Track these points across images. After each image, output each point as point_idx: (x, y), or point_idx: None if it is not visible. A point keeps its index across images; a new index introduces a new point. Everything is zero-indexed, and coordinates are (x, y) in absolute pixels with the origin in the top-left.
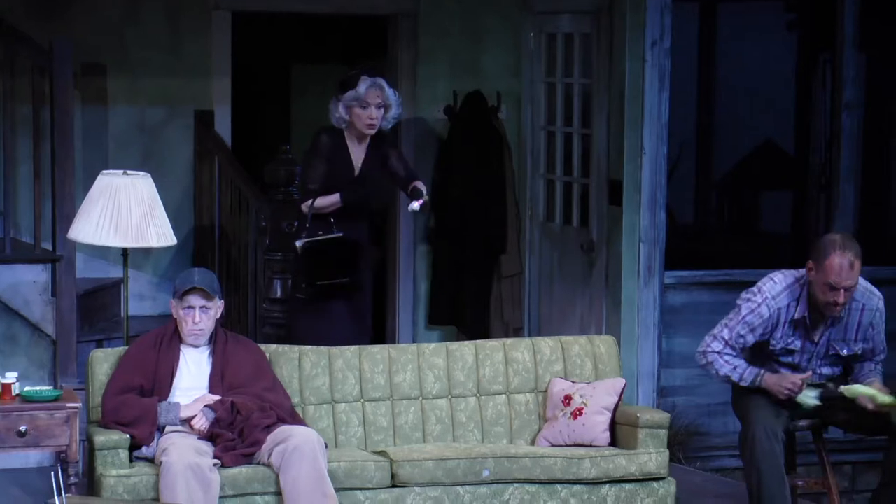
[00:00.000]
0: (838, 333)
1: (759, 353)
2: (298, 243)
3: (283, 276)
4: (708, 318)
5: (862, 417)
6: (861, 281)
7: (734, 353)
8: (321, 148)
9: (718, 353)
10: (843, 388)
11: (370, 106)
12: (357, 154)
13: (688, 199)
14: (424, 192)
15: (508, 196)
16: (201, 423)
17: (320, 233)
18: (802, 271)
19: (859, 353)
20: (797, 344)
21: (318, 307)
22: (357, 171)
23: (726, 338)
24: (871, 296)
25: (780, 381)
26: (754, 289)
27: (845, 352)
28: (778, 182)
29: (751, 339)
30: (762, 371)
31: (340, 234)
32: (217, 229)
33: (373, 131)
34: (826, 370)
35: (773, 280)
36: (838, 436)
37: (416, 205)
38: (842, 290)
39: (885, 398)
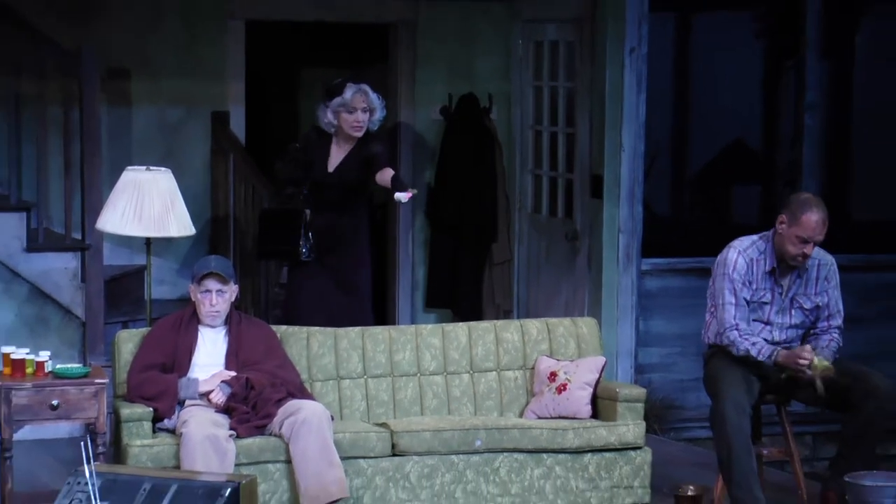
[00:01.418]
0: (800, 288)
1: None
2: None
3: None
4: (681, 301)
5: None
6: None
7: (750, 330)
8: (306, 142)
9: (737, 328)
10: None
11: (356, 110)
12: (337, 155)
13: (663, 193)
14: (405, 182)
15: (499, 190)
16: (218, 397)
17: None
18: (760, 234)
19: (820, 304)
20: (768, 297)
21: (302, 284)
22: (331, 170)
23: (731, 311)
24: (825, 254)
25: (792, 355)
26: (722, 253)
27: (808, 304)
28: (747, 178)
29: (746, 294)
30: (777, 349)
31: (304, 210)
32: (232, 220)
33: (359, 133)
34: (796, 319)
35: (736, 241)
36: (800, 409)
37: (403, 196)
38: (811, 244)
39: (822, 363)
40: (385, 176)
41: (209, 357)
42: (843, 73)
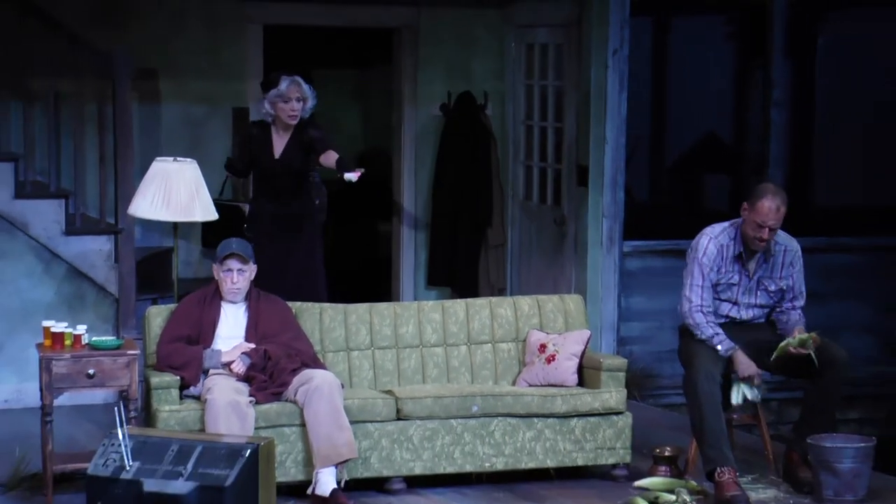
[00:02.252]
0: (766, 271)
1: None
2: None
3: None
4: (660, 280)
5: (785, 363)
6: (783, 233)
7: (714, 318)
8: (248, 137)
9: (704, 317)
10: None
11: (291, 100)
12: (279, 143)
13: (643, 182)
14: (349, 163)
15: (494, 179)
16: (239, 367)
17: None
18: (731, 221)
19: (784, 287)
20: (736, 279)
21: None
22: (277, 156)
23: (699, 293)
24: (791, 241)
25: (747, 366)
26: (696, 239)
27: (773, 287)
28: (718, 167)
29: (713, 277)
30: (735, 346)
31: (243, 205)
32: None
33: (294, 121)
34: (761, 300)
35: (709, 228)
36: (766, 377)
37: (352, 175)
38: (767, 228)
39: (800, 336)
40: (329, 159)
41: (231, 330)
42: (806, 72)
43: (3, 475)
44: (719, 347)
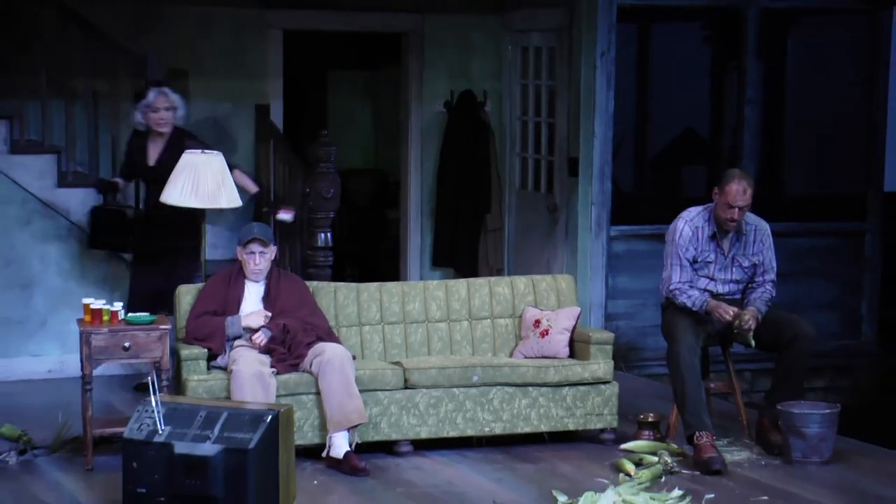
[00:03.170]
0: (739, 249)
1: None
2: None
3: (323, 229)
4: (644, 262)
5: (756, 337)
6: (752, 214)
7: (690, 284)
8: (128, 144)
9: (679, 285)
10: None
11: (160, 109)
12: (154, 150)
13: (628, 172)
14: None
15: (492, 169)
16: (260, 338)
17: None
18: (705, 205)
19: (756, 263)
20: (712, 257)
21: (139, 271)
22: (153, 163)
23: (678, 271)
24: (760, 221)
25: (717, 306)
26: (673, 222)
27: (746, 263)
28: (696, 160)
29: (691, 254)
30: (707, 298)
31: (129, 207)
32: (272, 194)
33: (165, 129)
34: (736, 275)
35: (685, 212)
36: (741, 350)
37: (286, 216)
38: (736, 209)
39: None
40: (247, 184)
41: (254, 305)
42: (777, 73)
43: (47, 438)
44: (695, 308)
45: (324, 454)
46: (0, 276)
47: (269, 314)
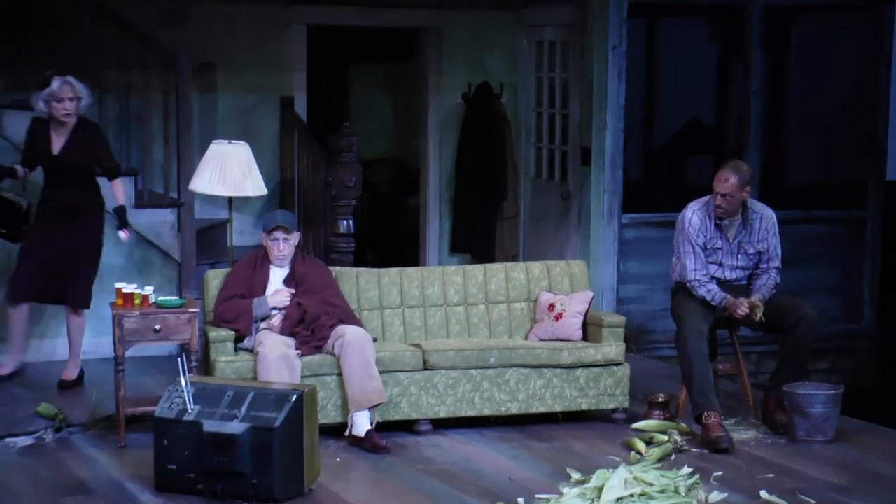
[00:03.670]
0: (745, 237)
1: None
2: None
3: (345, 216)
4: (653, 248)
5: (760, 322)
6: (759, 203)
7: (708, 279)
8: (29, 132)
9: (697, 278)
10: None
11: (64, 99)
12: (58, 138)
13: (638, 161)
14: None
15: (508, 158)
16: (277, 320)
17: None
18: (710, 197)
19: (762, 250)
20: (719, 244)
21: (31, 250)
22: (56, 152)
23: (692, 259)
24: (766, 210)
25: (735, 303)
26: (682, 212)
27: (751, 250)
28: (703, 149)
29: (701, 241)
30: (726, 297)
31: (25, 200)
32: (296, 183)
33: (68, 119)
34: (742, 262)
35: (693, 202)
36: (747, 333)
37: (123, 235)
38: (718, 195)
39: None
40: (119, 195)
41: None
42: (781, 66)
43: (82, 417)
44: (714, 303)
45: (346, 433)
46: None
47: (293, 291)
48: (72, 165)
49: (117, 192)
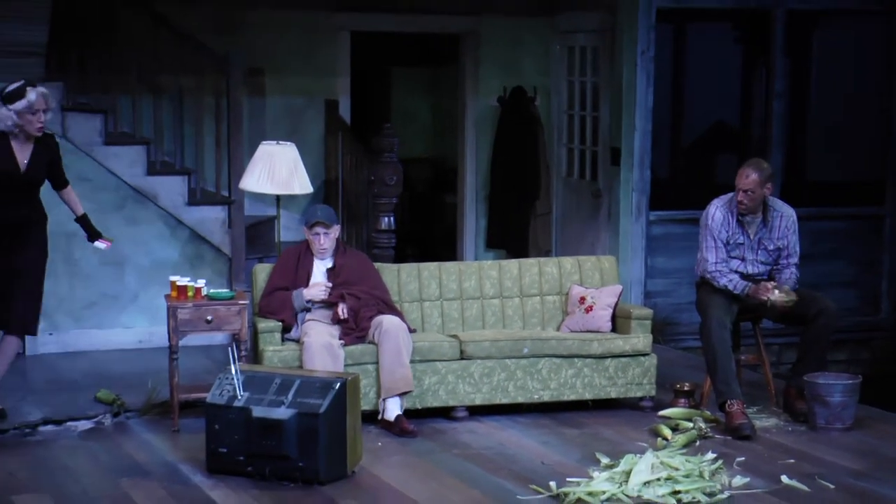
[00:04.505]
0: (766, 233)
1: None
2: None
3: (386, 213)
4: (680, 244)
5: (785, 313)
6: (780, 201)
7: (728, 268)
8: None
9: (718, 269)
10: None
11: (39, 111)
12: (22, 154)
13: (665, 161)
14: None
15: (541, 159)
16: (343, 309)
17: None
18: (732, 194)
19: (781, 246)
20: (742, 239)
21: None
22: (23, 169)
23: (713, 252)
24: (786, 208)
25: (757, 289)
26: (706, 208)
27: (771, 246)
28: (728, 149)
29: (724, 236)
30: (748, 285)
31: None
32: (340, 181)
33: (40, 133)
34: (761, 257)
35: (716, 199)
36: (769, 325)
37: (101, 245)
38: (741, 191)
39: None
40: (77, 207)
41: (321, 279)
42: (802, 68)
43: (138, 402)
44: (736, 291)
45: (379, 417)
46: (97, 255)
47: (330, 285)
48: (36, 181)
49: (72, 200)
